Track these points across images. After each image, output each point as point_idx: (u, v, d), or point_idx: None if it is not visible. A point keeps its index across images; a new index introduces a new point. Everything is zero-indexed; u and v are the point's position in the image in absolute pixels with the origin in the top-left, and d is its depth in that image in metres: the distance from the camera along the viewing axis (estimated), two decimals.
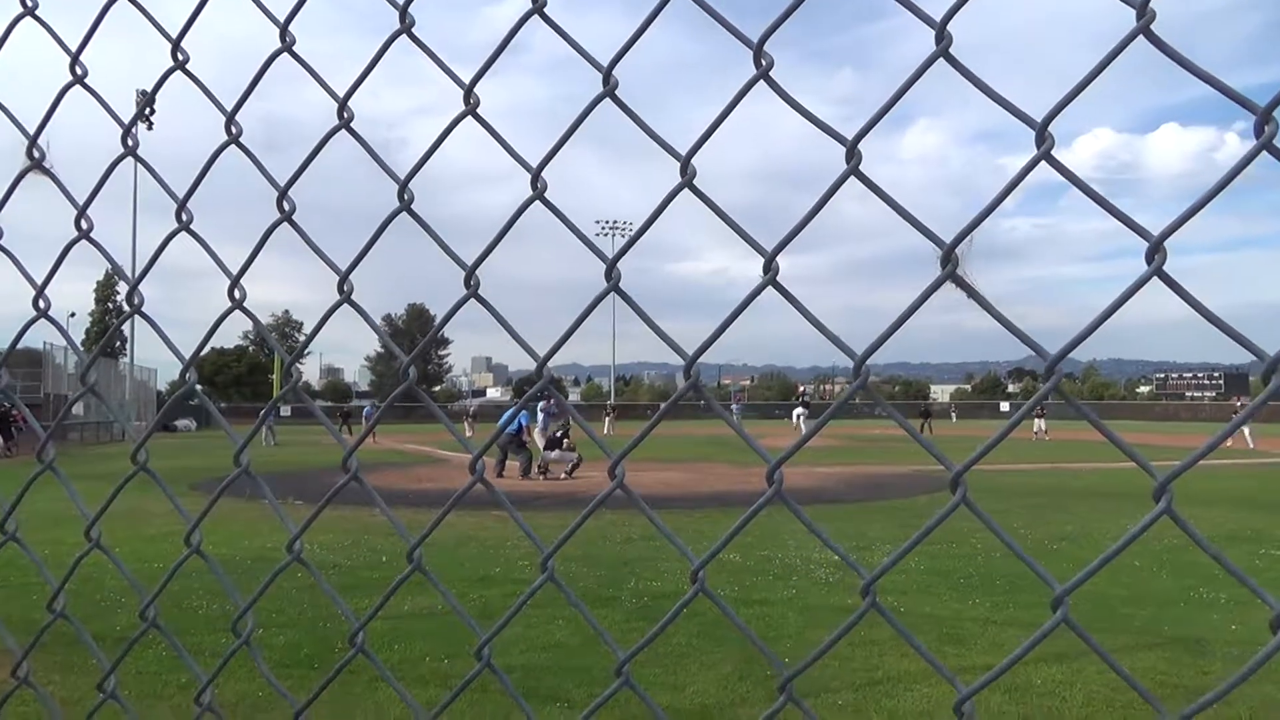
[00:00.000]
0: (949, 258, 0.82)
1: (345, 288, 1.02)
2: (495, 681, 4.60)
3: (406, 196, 0.98)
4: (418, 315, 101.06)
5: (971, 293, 0.83)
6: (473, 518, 12.98)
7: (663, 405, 0.94)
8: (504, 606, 7.50)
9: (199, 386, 1.17)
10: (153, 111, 59.28)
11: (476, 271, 0.96)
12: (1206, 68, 0.72)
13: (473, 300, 0.99)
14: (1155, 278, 0.75)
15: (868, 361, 0.88)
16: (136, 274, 1.17)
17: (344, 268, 1.06)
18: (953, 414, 71.66)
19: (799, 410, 36.18)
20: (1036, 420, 40.29)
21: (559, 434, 20.32)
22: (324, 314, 1.06)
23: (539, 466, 19.87)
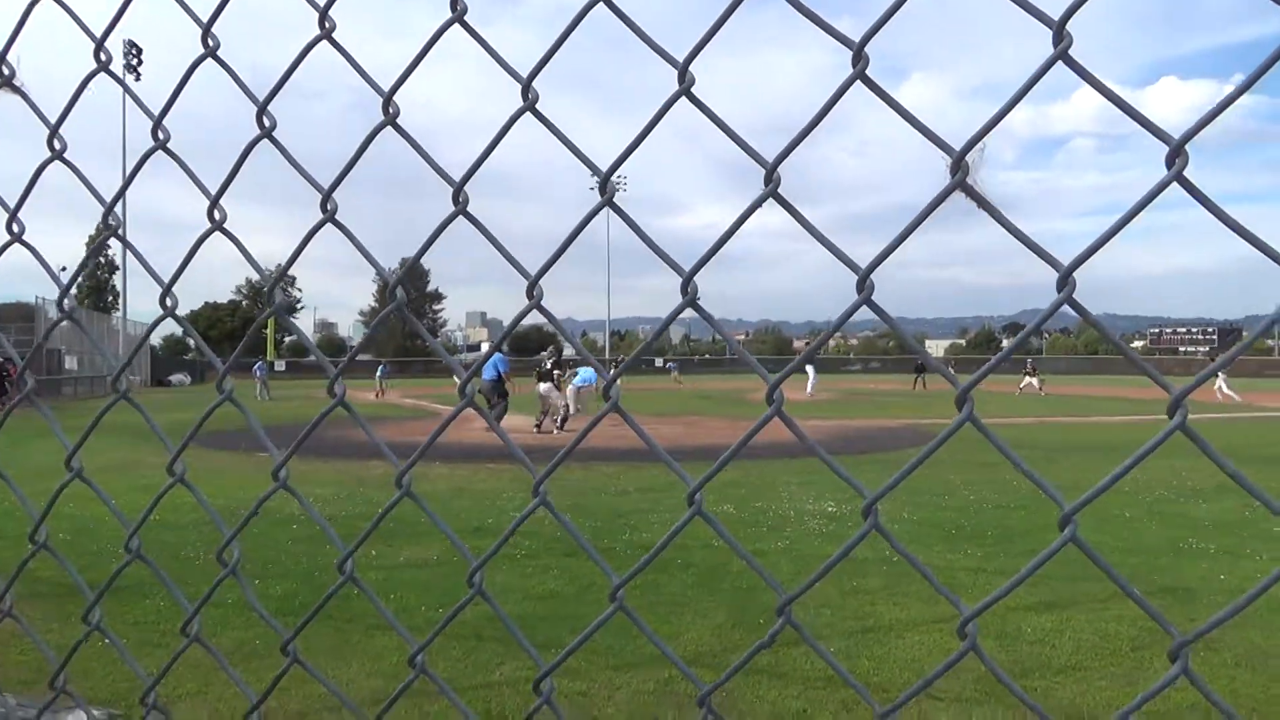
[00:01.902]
0: (959, 165, 0.79)
1: (329, 206, 0.99)
2: (490, 629, 4.65)
3: (392, 110, 0.94)
4: (412, 269, 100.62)
5: (982, 202, 0.80)
6: (467, 469, 13.03)
7: (662, 320, 0.91)
8: (497, 556, 7.54)
9: (178, 312, 1.14)
10: (140, 62, 58.40)
11: (465, 188, 0.93)
12: (1205, 21, 0.69)
13: (466, 258, 0.96)
14: (1175, 182, 0.72)
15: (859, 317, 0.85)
16: (115, 203, 1.13)
17: (333, 194, 1.02)
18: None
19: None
20: (1027, 376, 40.49)
21: (552, 375, 20.25)
22: (307, 233, 1.02)
23: (557, 420, 19.99)
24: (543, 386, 20.31)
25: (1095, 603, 6.03)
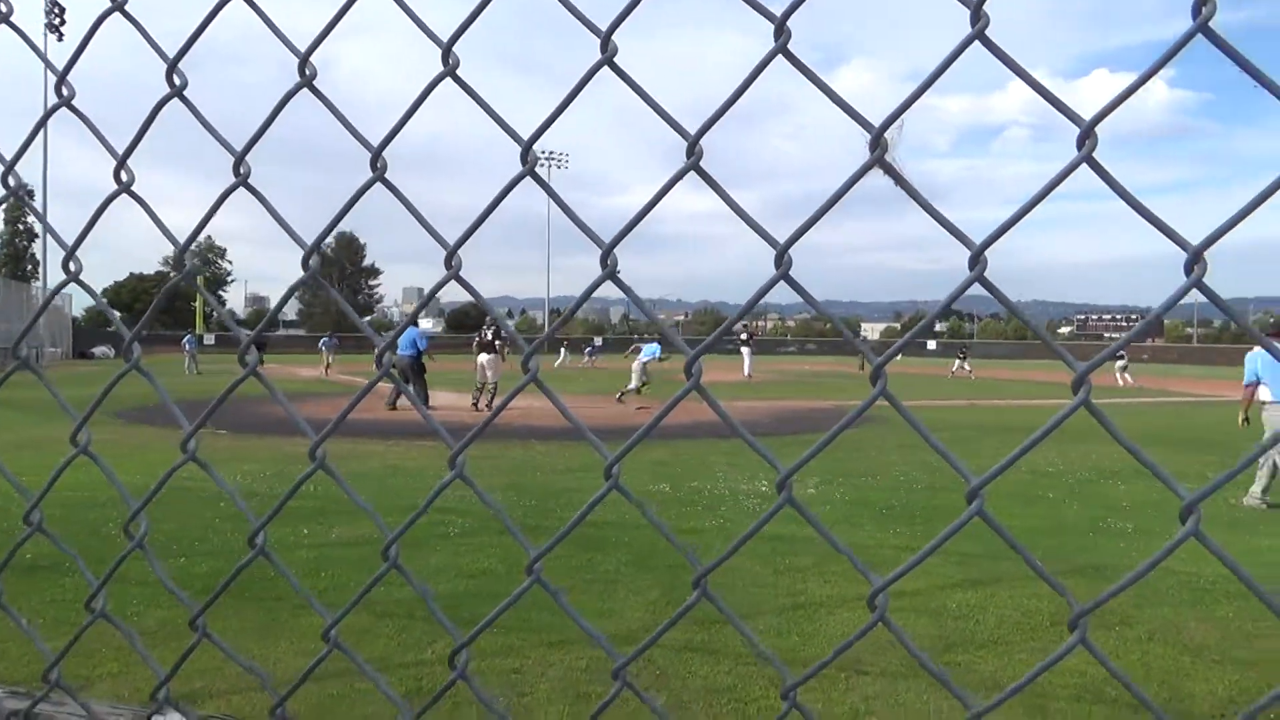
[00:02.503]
0: (878, 142, 0.80)
1: (241, 170, 0.96)
2: (423, 607, 4.61)
3: (308, 72, 0.91)
4: (348, 244, 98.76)
5: (899, 180, 0.81)
6: (400, 448, 12.89)
7: (586, 289, 0.90)
8: (431, 535, 7.49)
9: (87, 279, 1.09)
10: (62, 22, 56.14)
11: (384, 154, 0.90)
12: (1135, 17, 0.70)
13: (404, 233, 0.94)
14: (1085, 163, 0.73)
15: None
16: (13, 164, 1.08)
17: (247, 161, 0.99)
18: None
19: (745, 348, 36.33)
20: (958, 360, 41.53)
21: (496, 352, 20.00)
22: (217, 199, 0.99)
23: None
24: (483, 358, 19.92)
25: (1018, 580, 6.20)
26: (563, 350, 49.54)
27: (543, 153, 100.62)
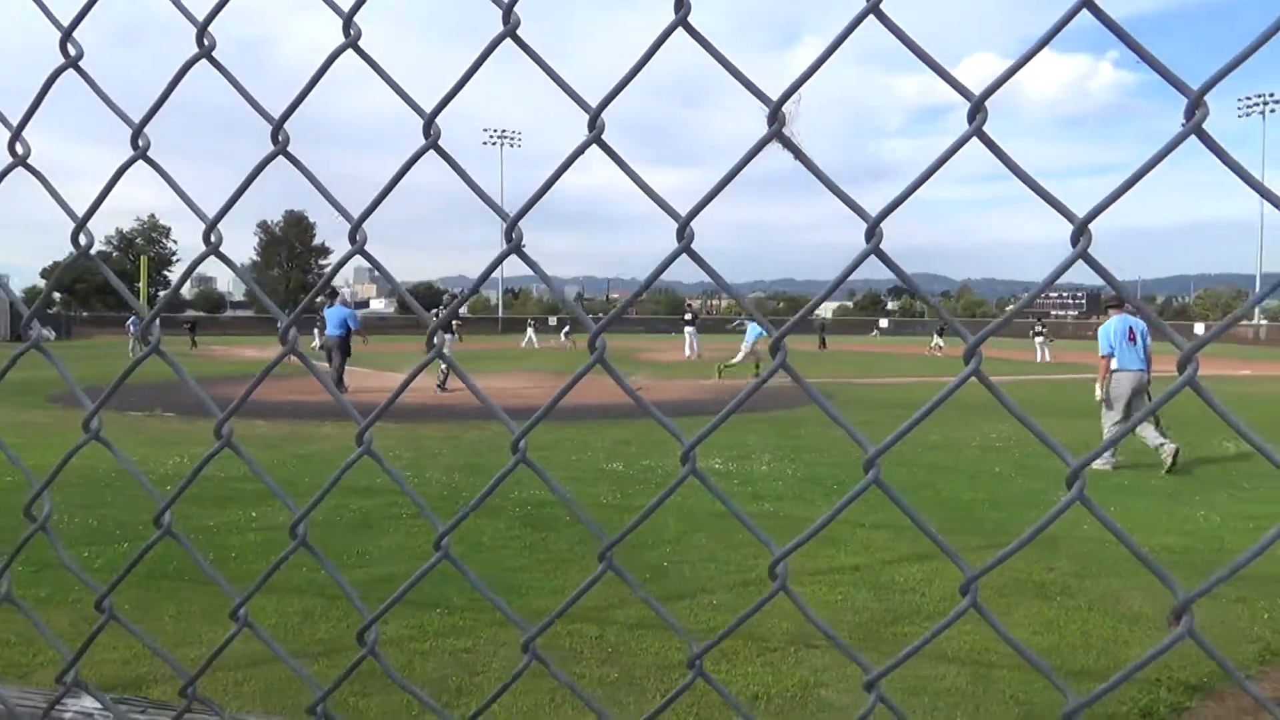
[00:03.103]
0: (775, 116, 0.80)
1: (140, 142, 0.92)
2: (373, 590, 4.58)
3: (206, 42, 0.88)
4: (296, 222, 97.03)
5: (798, 154, 0.82)
6: (352, 429, 12.72)
7: (491, 263, 0.89)
8: (384, 516, 7.44)
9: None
10: None
11: (285, 126, 0.88)
12: None
13: (356, 212, 0.91)
14: (976, 137, 0.74)
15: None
16: None
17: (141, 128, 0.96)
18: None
19: (689, 328, 36.05)
20: (935, 336, 42.42)
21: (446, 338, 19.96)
22: (116, 171, 0.96)
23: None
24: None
25: (965, 552, 6.20)
26: (529, 330, 48.95)
27: (493, 131, 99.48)
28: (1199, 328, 78.39)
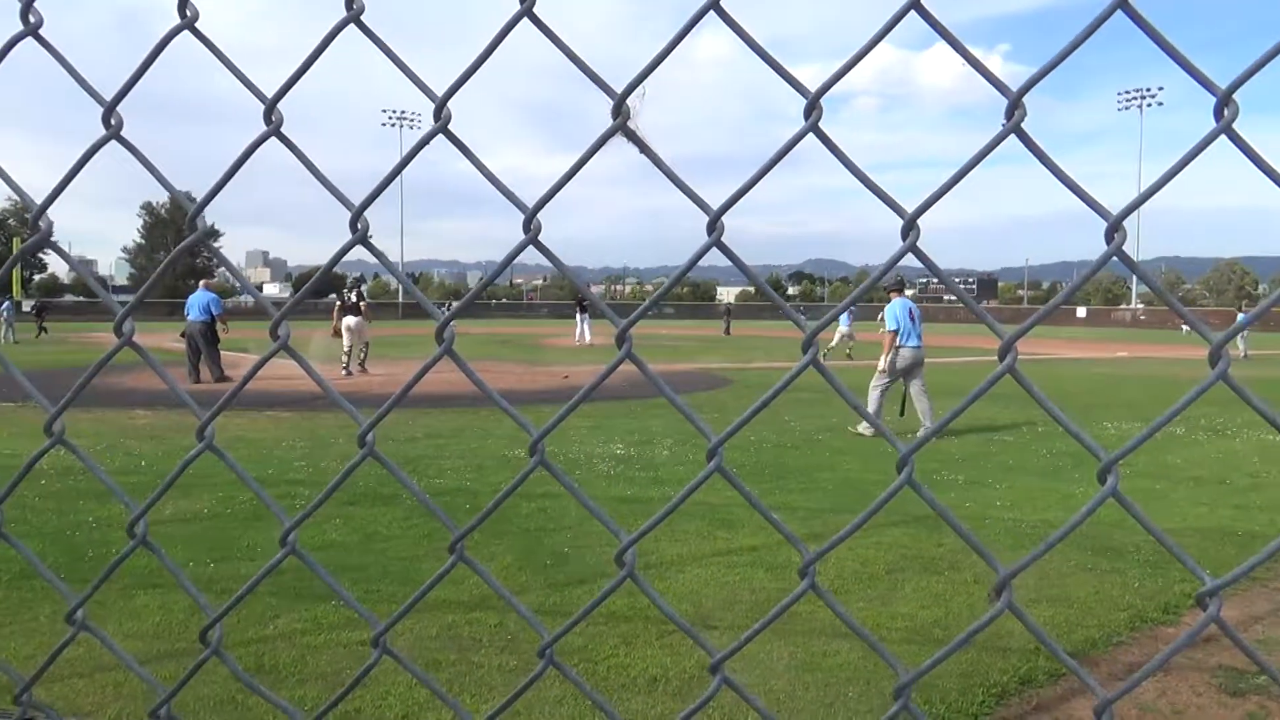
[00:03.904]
0: (619, 110, 0.80)
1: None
2: (269, 582, 4.39)
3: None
4: (179, 206, 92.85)
5: (643, 147, 0.82)
6: (244, 418, 12.35)
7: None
8: (280, 508, 7.22)
9: None
10: None
11: (115, 111, 0.84)
12: None
13: (246, 194, 0.88)
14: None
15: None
16: None
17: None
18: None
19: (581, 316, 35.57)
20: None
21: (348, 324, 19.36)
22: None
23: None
24: (349, 320, 19.26)
25: (858, 532, 6.48)
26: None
27: (393, 112, 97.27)
28: (1081, 311, 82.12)
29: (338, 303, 19.72)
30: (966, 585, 5.53)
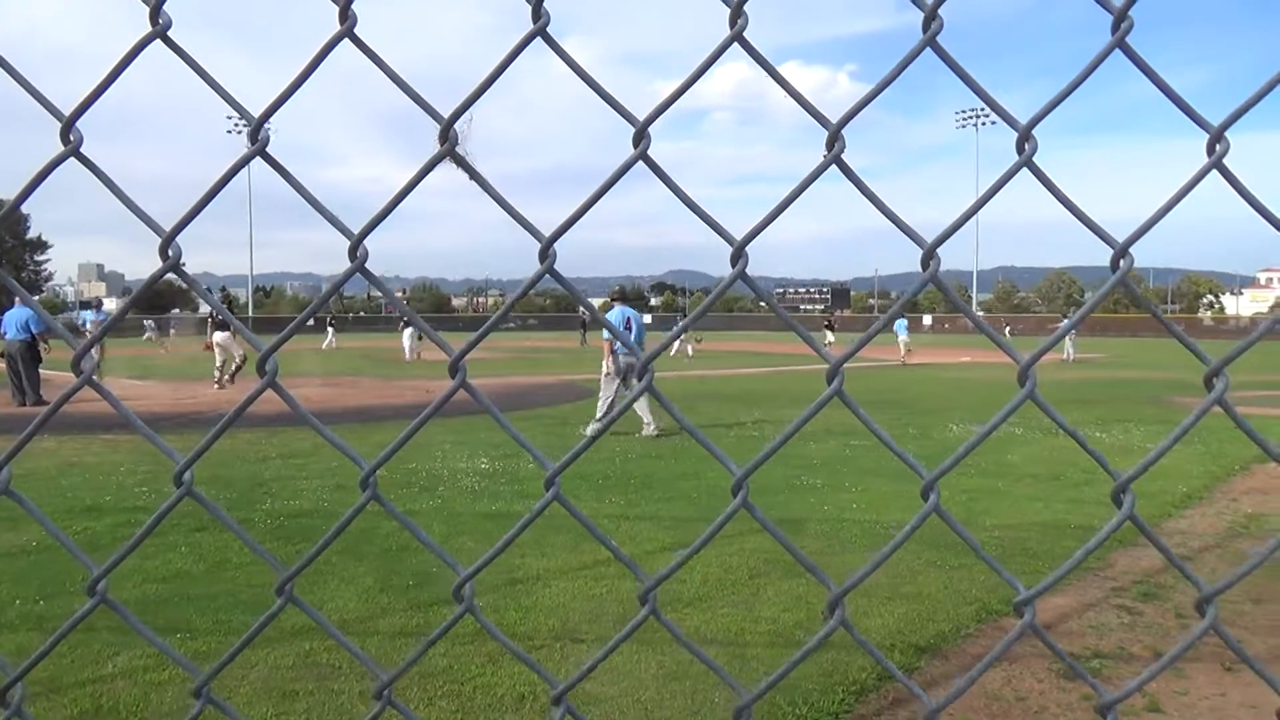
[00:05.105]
0: (446, 135, 0.80)
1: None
2: (103, 619, 4.14)
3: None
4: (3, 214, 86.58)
5: (471, 173, 0.83)
6: (77, 442, 11.55)
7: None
8: (117, 538, 6.79)
9: None
10: None
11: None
12: (823, 13, 0.73)
13: (78, 203, 0.81)
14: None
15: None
16: None
17: None
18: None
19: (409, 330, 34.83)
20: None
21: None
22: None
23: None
24: (219, 336, 19.54)
25: (721, 539, 6.59)
26: (330, 330, 45.21)
27: (236, 120, 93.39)
28: (926, 319, 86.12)
29: (209, 319, 20.01)
30: (825, 587, 5.70)
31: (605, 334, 13.23)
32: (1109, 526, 0.91)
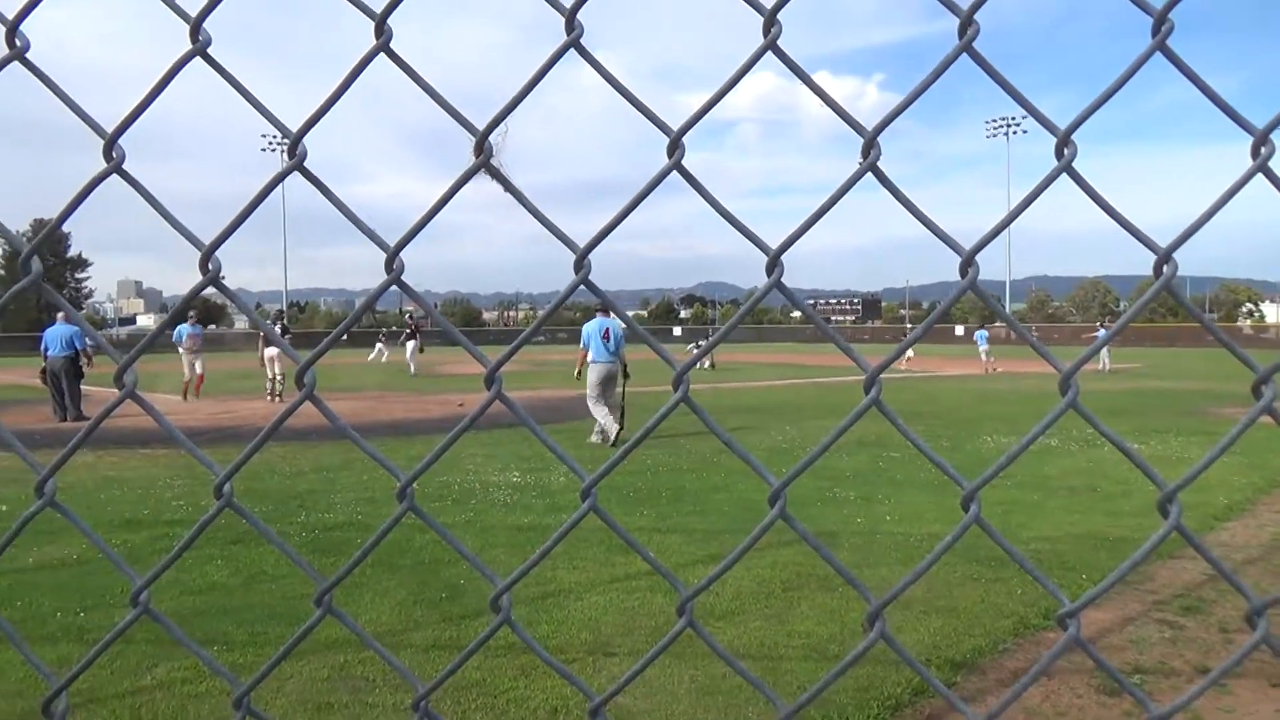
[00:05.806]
0: (481, 147, 0.81)
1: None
2: (140, 631, 4.19)
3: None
4: (39, 228, 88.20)
5: (506, 184, 0.84)
6: (115, 457, 11.73)
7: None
8: (153, 550, 6.88)
9: None
10: None
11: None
12: (851, 24, 0.75)
13: (116, 221, 0.82)
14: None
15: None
16: None
17: None
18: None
19: (381, 344, 34.92)
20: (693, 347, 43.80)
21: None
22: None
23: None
24: (269, 351, 20.98)
25: (753, 552, 6.55)
26: (380, 343, 44.47)
27: (273, 137, 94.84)
28: (959, 329, 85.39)
29: (261, 334, 20.45)
30: (860, 600, 5.64)
31: (581, 343, 13.69)
32: (1156, 537, 0.89)
